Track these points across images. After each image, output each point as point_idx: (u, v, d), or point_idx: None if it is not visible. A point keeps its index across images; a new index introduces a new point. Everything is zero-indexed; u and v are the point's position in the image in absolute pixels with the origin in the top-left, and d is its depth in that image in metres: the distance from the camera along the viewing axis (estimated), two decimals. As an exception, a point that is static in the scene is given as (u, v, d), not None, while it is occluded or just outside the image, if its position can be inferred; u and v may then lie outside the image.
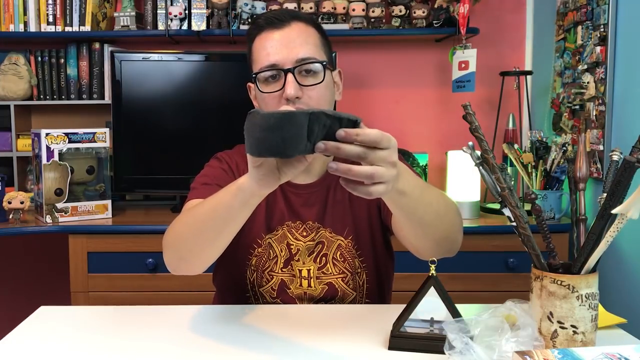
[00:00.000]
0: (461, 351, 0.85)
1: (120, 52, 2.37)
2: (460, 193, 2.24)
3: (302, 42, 1.17)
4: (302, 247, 1.25)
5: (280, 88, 1.15)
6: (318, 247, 1.26)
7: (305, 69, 1.16)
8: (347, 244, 1.26)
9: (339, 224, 1.26)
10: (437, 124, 2.68)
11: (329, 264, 1.26)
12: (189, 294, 2.11)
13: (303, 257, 1.25)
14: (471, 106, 0.93)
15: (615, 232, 0.83)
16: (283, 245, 1.26)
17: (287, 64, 1.15)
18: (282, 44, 1.16)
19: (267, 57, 1.17)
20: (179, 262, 1.11)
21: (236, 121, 2.56)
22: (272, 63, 1.16)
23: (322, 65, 1.18)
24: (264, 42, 1.19)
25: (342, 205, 1.27)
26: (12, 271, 2.72)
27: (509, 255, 2.11)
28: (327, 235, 1.26)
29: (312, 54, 1.17)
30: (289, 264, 1.25)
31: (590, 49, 2.06)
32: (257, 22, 1.23)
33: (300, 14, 1.24)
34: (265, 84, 1.18)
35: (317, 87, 1.17)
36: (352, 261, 1.26)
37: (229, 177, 1.27)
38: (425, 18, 2.47)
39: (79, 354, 0.99)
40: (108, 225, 2.16)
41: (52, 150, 2.13)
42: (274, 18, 1.19)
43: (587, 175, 0.96)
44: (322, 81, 1.17)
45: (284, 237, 1.26)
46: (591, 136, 2.05)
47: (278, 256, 1.26)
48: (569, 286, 0.87)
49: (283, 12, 1.22)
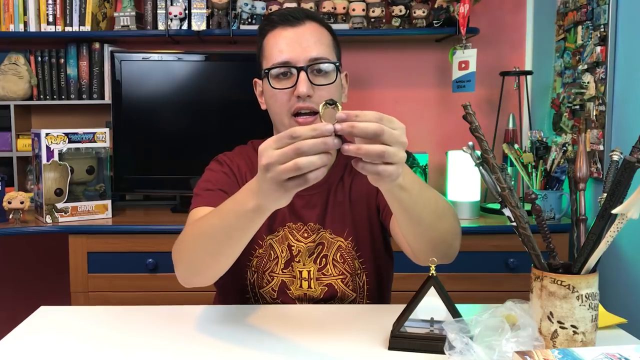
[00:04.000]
0: (461, 351, 0.85)
1: (120, 52, 2.37)
2: (460, 193, 2.24)
3: (316, 42, 1.18)
4: (302, 249, 1.25)
5: (292, 85, 1.15)
6: (318, 248, 1.25)
7: (317, 69, 1.16)
8: (347, 245, 1.26)
9: (339, 225, 1.26)
10: (437, 124, 2.68)
11: (329, 265, 1.25)
12: (189, 294, 2.10)
13: (304, 258, 1.25)
14: (471, 106, 0.93)
15: (616, 232, 0.83)
16: (284, 247, 1.25)
17: (300, 62, 1.15)
18: (295, 42, 1.17)
19: (280, 53, 1.17)
20: (193, 277, 1.09)
21: (236, 121, 2.57)
22: (285, 60, 1.16)
23: (335, 65, 1.18)
24: (277, 39, 1.19)
25: (343, 206, 1.27)
26: (12, 271, 2.72)
27: (509, 255, 2.11)
28: (327, 236, 1.26)
29: (325, 54, 1.18)
30: (290, 265, 1.25)
31: (591, 49, 2.06)
32: (271, 18, 1.22)
33: (315, 15, 1.24)
34: (276, 81, 1.18)
35: (329, 87, 1.17)
36: (352, 262, 1.26)
37: (232, 180, 1.26)
38: (425, 18, 2.47)
39: (79, 354, 0.99)
40: (108, 225, 2.16)
41: (52, 150, 2.13)
42: (289, 15, 1.19)
43: (587, 175, 0.96)
44: (333, 81, 1.18)
45: (285, 238, 1.26)
46: (591, 136, 2.05)
47: (279, 257, 1.25)
48: (569, 286, 0.87)
49: (298, 10, 1.22)
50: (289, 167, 0.79)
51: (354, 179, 1.28)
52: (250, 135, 1.38)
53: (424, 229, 1.03)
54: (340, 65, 1.22)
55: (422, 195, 0.99)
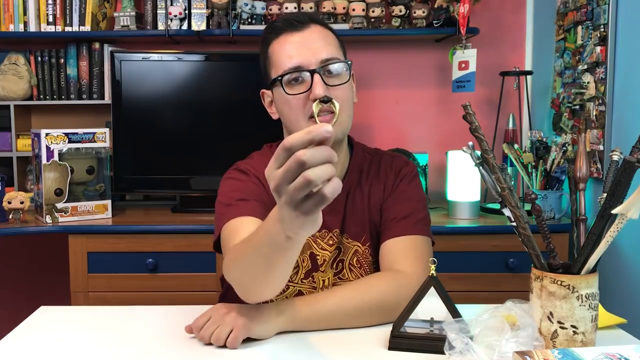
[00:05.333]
0: (461, 351, 0.85)
1: (120, 52, 2.37)
2: (460, 193, 2.24)
3: (324, 43, 1.16)
4: (327, 257, 1.22)
5: (306, 90, 1.13)
6: (335, 253, 1.24)
7: (329, 70, 1.15)
8: (364, 250, 1.24)
9: (358, 229, 1.24)
10: (437, 124, 2.68)
11: (345, 270, 1.24)
12: (189, 294, 2.11)
13: (327, 267, 1.23)
14: (471, 106, 0.93)
15: (615, 232, 0.83)
16: (305, 256, 1.22)
17: (312, 65, 1.13)
18: (304, 46, 1.15)
19: (289, 59, 1.15)
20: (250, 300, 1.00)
21: (236, 121, 2.57)
22: (297, 65, 1.14)
23: (347, 64, 1.17)
24: (284, 45, 1.17)
25: (362, 211, 1.24)
26: (12, 271, 2.72)
27: (509, 255, 2.11)
28: (344, 241, 1.24)
29: (335, 55, 1.17)
30: (310, 275, 1.22)
31: (590, 49, 2.06)
32: (275, 25, 1.20)
33: (318, 18, 1.23)
34: (289, 87, 1.15)
35: (343, 87, 1.16)
36: (367, 267, 1.24)
37: (262, 189, 1.21)
38: (425, 18, 2.47)
39: (79, 354, 0.99)
40: (108, 225, 2.16)
41: (52, 150, 2.13)
42: (293, 20, 1.18)
43: (587, 175, 0.96)
44: (347, 81, 1.17)
45: (308, 247, 1.22)
46: (591, 136, 2.05)
47: (300, 267, 1.22)
48: (569, 286, 0.87)
49: (301, 15, 1.21)
50: (300, 184, 0.67)
51: (372, 183, 1.27)
52: (250, 135, 1.38)
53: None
54: (351, 64, 1.21)
55: (320, 324, 1.05)
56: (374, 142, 2.54)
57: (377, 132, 2.66)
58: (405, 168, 1.29)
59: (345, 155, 1.27)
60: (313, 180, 0.67)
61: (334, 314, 1.06)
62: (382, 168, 1.29)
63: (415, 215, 1.22)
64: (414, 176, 1.29)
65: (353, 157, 1.28)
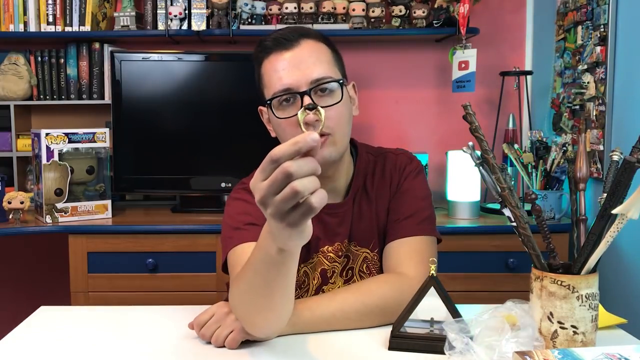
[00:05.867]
0: (461, 351, 0.85)
1: (120, 52, 2.37)
2: (460, 193, 2.24)
3: (315, 61, 1.12)
4: (337, 269, 1.22)
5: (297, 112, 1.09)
6: (344, 262, 1.23)
7: (321, 89, 1.11)
8: (373, 256, 1.23)
9: (367, 237, 1.23)
10: (437, 124, 2.68)
11: (355, 276, 1.23)
12: (189, 294, 2.11)
13: (336, 277, 1.23)
14: (471, 106, 0.93)
15: (616, 232, 0.83)
16: (316, 274, 1.22)
17: (302, 87, 1.10)
18: (293, 66, 1.11)
19: (279, 81, 1.11)
20: (258, 335, 1.00)
21: (236, 121, 2.57)
22: (286, 87, 1.10)
23: (339, 83, 1.13)
24: (274, 65, 1.13)
25: (369, 218, 1.23)
26: (12, 271, 2.72)
27: (509, 255, 2.11)
28: (352, 249, 1.23)
29: (327, 73, 1.12)
30: (320, 290, 1.22)
31: (590, 49, 2.06)
32: (264, 44, 1.16)
33: (308, 31, 1.17)
34: (280, 110, 1.12)
35: (336, 107, 1.12)
36: (376, 273, 1.23)
37: None
38: (425, 18, 2.47)
39: (79, 354, 0.99)
40: (108, 225, 2.16)
41: (52, 150, 2.13)
42: (282, 38, 1.13)
43: (587, 175, 0.96)
44: (340, 100, 1.13)
45: (319, 264, 1.22)
46: (591, 136, 2.05)
47: (310, 284, 1.22)
48: (569, 286, 0.87)
49: (290, 31, 1.16)
50: (286, 195, 0.67)
51: (378, 186, 1.25)
52: (250, 135, 1.37)
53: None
54: (345, 79, 1.17)
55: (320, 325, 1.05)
56: (374, 142, 2.51)
57: (377, 132, 2.66)
58: (410, 165, 1.27)
59: (349, 165, 1.25)
60: (300, 192, 0.66)
61: (335, 318, 1.05)
62: (387, 168, 1.27)
63: (419, 215, 1.21)
64: (418, 172, 1.27)
65: (357, 162, 1.26)
